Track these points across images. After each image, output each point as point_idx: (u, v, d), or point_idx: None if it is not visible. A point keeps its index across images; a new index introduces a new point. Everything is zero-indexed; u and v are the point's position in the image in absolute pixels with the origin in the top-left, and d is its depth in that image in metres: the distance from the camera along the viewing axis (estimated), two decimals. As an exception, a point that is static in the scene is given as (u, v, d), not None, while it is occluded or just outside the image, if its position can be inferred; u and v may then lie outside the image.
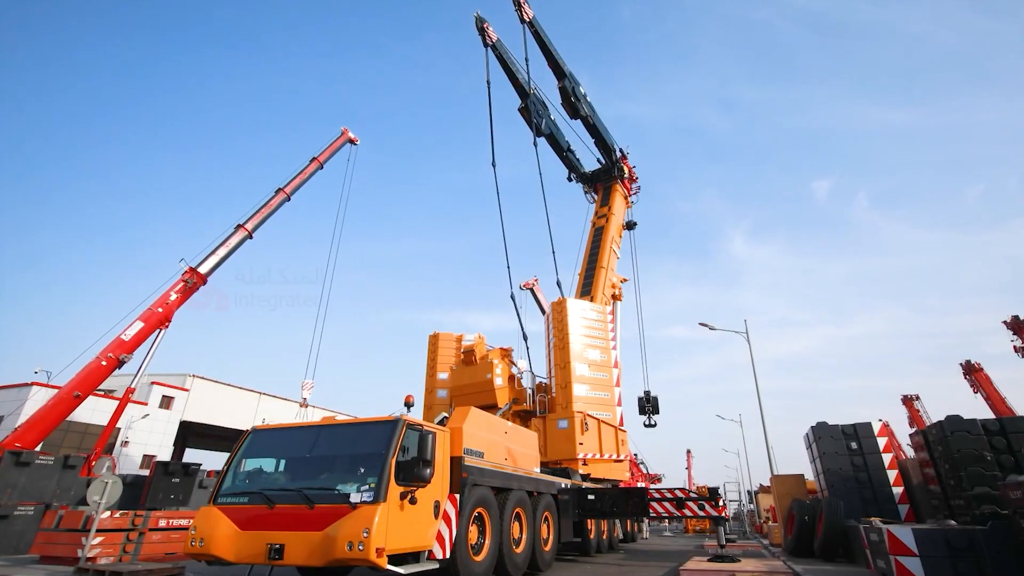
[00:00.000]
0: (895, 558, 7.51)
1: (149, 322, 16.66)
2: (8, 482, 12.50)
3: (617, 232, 22.79)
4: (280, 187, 21.21)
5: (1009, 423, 9.48)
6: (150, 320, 16.69)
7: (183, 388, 30.91)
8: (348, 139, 24.91)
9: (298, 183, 21.84)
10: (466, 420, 8.57)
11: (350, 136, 25.02)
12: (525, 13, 19.80)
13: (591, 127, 22.89)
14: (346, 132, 24.80)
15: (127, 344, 16.10)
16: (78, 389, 15.16)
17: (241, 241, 19.67)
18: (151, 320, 16.71)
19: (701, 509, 11.64)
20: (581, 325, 17.06)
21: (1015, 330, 35.09)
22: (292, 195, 21.52)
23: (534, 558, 9.82)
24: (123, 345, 16.02)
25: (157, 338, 17.04)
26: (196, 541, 6.47)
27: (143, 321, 16.54)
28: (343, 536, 5.83)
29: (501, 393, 16.10)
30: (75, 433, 25.23)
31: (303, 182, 22.11)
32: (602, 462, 15.48)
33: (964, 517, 9.06)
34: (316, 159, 22.83)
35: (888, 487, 11.99)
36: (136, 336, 16.32)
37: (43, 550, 10.71)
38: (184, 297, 17.80)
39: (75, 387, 15.18)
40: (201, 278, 18.26)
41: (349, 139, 24.97)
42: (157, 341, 17.08)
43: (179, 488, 13.98)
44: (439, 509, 7.21)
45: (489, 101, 19.41)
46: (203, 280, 18.38)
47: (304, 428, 7.90)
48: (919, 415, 49.32)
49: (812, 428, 13.67)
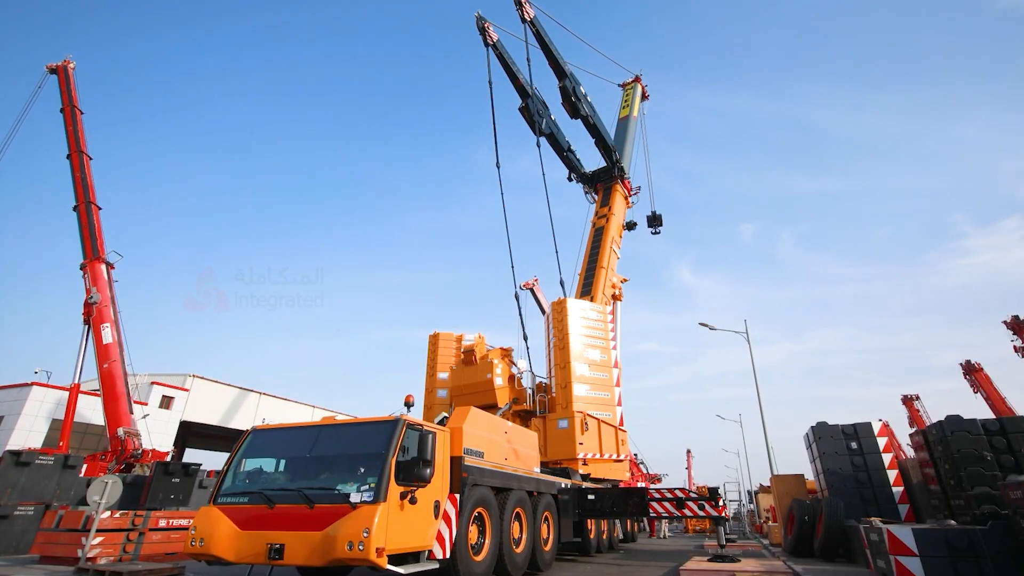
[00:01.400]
0: (895, 558, 7.51)
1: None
2: (8, 482, 12.48)
3: (617, 232, 22.80)
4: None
5: (1009, 423, 9.48)
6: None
7: (183, 388, 30.89)
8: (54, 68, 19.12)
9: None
10: (466, 420, 8.57)
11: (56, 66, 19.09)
12: (526, 12, 19.81)
13: (591, 127, 22.88)
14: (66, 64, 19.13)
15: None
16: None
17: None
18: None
19: (701, 509, 11.64)
20: (581, 325, 17.06)
21: (1015, 330, 35.08)
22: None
23: (534, 558, 9.82)
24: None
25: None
26: (196, 541, 6.47)
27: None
28: (343, 536, 5.83)
29: (501, 393, 16.10)
30: (75, 434, 25.18)
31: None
32: (602, 462, 15.48)
33: (964, 517, 9.06)
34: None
35: (888, 487, 12.00)
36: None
37: (43, 550, 10.70)
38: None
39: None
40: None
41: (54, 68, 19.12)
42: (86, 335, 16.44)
43: (179, 488, 13.94)
44: (439, 509, 7.21)
45: (491, 102, 19.48)
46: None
47: (304, 428, 7.90)
48: (919, 415, 49.35)
49: (812, 428, 13.68)
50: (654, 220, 26.53)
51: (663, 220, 26.57)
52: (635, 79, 28.61)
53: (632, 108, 27.11)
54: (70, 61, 18.62)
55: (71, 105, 17.76)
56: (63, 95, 17.92)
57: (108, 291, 16.62)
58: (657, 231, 26.58)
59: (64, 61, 18.47)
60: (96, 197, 17.15)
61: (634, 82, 28.52)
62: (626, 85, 28.66)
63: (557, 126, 22.60)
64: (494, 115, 19.66)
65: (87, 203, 16.82)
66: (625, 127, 26.37)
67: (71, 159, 17.13)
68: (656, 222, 26.47)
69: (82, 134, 17.54)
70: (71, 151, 17.21)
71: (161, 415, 29.30)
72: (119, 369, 15.79)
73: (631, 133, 26.15)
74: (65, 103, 17.73)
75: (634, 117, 26.89)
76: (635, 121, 26.87)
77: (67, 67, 18.40)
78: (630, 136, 25.97)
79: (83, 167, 16.95)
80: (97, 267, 16.64)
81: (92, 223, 16.81)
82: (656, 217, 26.48)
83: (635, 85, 28.24)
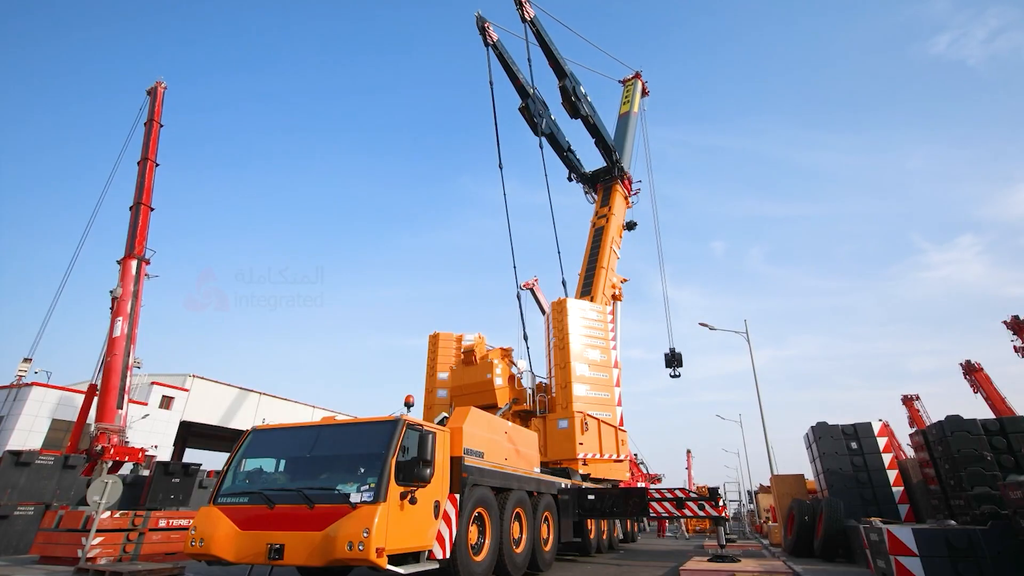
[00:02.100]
0: (895, 558, 7.51)
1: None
2: (8, 482, 12.49)
3: (617, 232, 22.77)
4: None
5: (1009, 423, 9.48)
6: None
7: (183, 388, 30.89)
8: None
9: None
10: (466, 420, 8.57)
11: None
12: (526, 12, 19.81)
13: (591, 127, 22.87)
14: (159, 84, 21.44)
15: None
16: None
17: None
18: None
19: (701, 509, 11.64)
20: (581, 325, 17.05)
21: (1015, 330, 35.09)
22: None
23: (534, 558, 9.82)
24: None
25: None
26: (196, 541, 6.46)
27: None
28: (343, 536, 5.83)
29: (501, 393, 16.09)
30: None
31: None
32: (602, 462, 15.47)
33: (964, 517, 9.06)
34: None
35: (888, 487, 12.00)
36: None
37: (43, 550, 10.69)
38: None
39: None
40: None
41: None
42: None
43: (179, 488, 13.94)
44: (439, 509, 7.21)
45: (493, 102, 19.49)
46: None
47: (304, 428, 7.90)
48: (919, 415, 49.35)
49: (812, 428, 13.68)
50: (672, 360, 23.88)
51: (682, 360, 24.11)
52: (635, 75, 28.68)
53: (632, 104, 27.16)
54: (162, 83, 21.61)
55: (152, 120, 20.08)
56: (150, 111, 20.47)
57: (132, 286, 17.19)
58: (677, 374, 23.86)
59: (157, 83, 21.56)
60: (151, 199, 18.81)
61: (634, 78, 28.59)
62: (626, 81, 28.74)
63: (557, 126, 22.59)
64: (495, 116, 19.68)
65: (138, 204, 18.45)
66: (626, 123, 26.44)
67: (141, 164, 19.15)
68: (675, 362, 23.81)
69: (154, 144, 19.71)
70: (143, 158, 19.25)
71: (161, 415, 29.31)
72: (119, 363, 15.81)
73: (631, 129, 26.23)
74: (149, 118, 20.27)
75: (634, 113, 26.94)
76: (635, 117, 26.92)
77: (158, 87, 21.48)
78: (630, 132, 26.05)
79: (145, 172, 18.94)
80: (129, 262, 17.43)
81: (138, 222, 18.16)
82: (676, 357, 23.85)
83: (635, 81, 28.28)
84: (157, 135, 20.06)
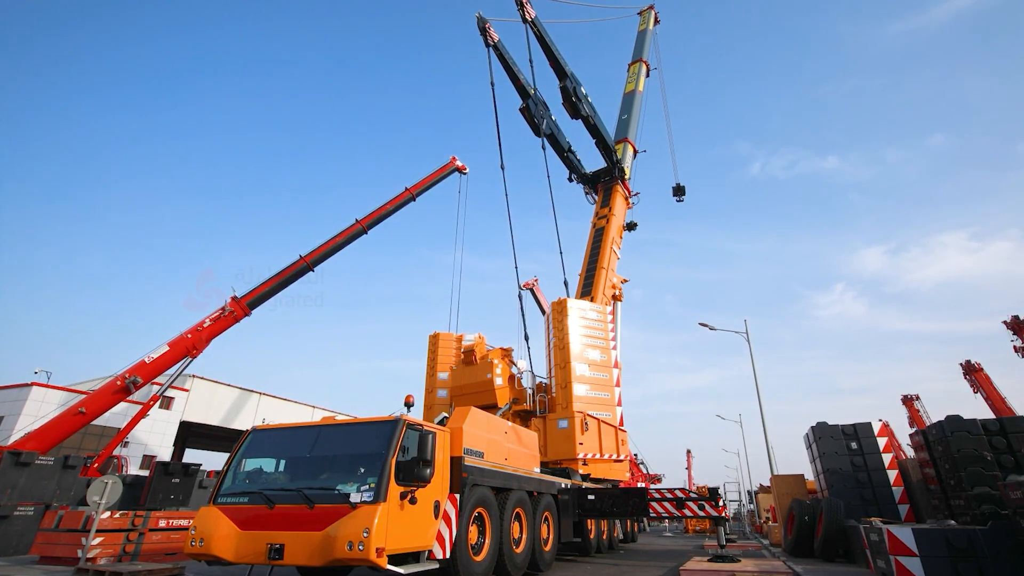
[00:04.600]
0: (895, 558, 7.51)
1: (176, 348, 16.19)
2: (8, 482, 12.48)
3: (617, 233, 22.77)
4: (358, 219, 19.73)
5: (1009, 423, 9.49)
6: (177, 346, 16.22)
7: (183, 388, 30.86)
8: (456, 168, 23.28)
9: (379, 215, 20.28)
10: (466, 420, 8.57)
11: (458, 165, 23.36)
12: (527, 13, 19.81)
13: (592, 127, 22.86)
14: (454, 160, 23.21)
15: (148, 368, 15.63)
16: (86, 406, 14.80)
17: (298, 274, 18.28)
18: (178, 346, 16.23)
19: (701, 509, 11.64)
20: (581, 325, 17.06)
21: (1015, 330, 35.07)
22: (369, 228, 20.01)
23: (534, 558, 9.82)
24: (144, 368, 15.56)
25: (184, 365, 16.50)
26: (196, 541, 6.46)
27: (170, 346, 16.11)
28: (343, 536, 5.83)
29: (501, 393, 16.08)
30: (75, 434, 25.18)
31: (385, 214, 20.54)
32: (602, 462, 15.47)
33: (964, 517, 9.07)
34: (409, 189, 21.17)
35: (888, 487, 12.00)
36: (159, 360, 15.84)
37: (43, 550, 10.70)
38: (220, 327, 16.98)
39: (84, 404, 14.84)
40: (244, 310, 17.31)
41: (457, 168, 23.33)
42: (183, 368, 16.53)
43: (179, 488, 13.94)
44: (439, 509, 7.21)
45: (494, 102, 19.50)
46: (245, 312, 17.37)
47: (304, 428, 7.89)
48: (919, 415, 49.31)
49: (812, 428, 13.68)
50: (678, 191, 28.61)
51: (685, 191, 28.54)
52: (649, 7, 30.25)
53: (638, 83, 27.33)
54: (465, 169, 23.90)
55: (412, 196, 21.53)
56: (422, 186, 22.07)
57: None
58: (681, 199, 28.75)
59: (460, 166, 23.77)
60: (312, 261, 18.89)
61: (648, 9, 30.09)
62: (643, 13, 30.10)
63: (557, 126, 22.61)
64: (497, 116, 19.69)
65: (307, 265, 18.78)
66: (631, 101, 26.64)
67: (356, 226, 19.87)
68: (680, 192, 28.54)
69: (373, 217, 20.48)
70: (359, 221, 19.96)
71: (161, 415, 29.29)
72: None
73: (636, 107, 26.62)
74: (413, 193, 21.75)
75: (639, 92, 27.16)
76: (640, 96, 27.21)
77: (462, 170, 23.77)
78: (635, 111, 26.41)
79: (352, 236, 19.74)
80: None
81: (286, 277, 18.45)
82: (680, 188, 28.51)
83: (640, 65, 28.16)
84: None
